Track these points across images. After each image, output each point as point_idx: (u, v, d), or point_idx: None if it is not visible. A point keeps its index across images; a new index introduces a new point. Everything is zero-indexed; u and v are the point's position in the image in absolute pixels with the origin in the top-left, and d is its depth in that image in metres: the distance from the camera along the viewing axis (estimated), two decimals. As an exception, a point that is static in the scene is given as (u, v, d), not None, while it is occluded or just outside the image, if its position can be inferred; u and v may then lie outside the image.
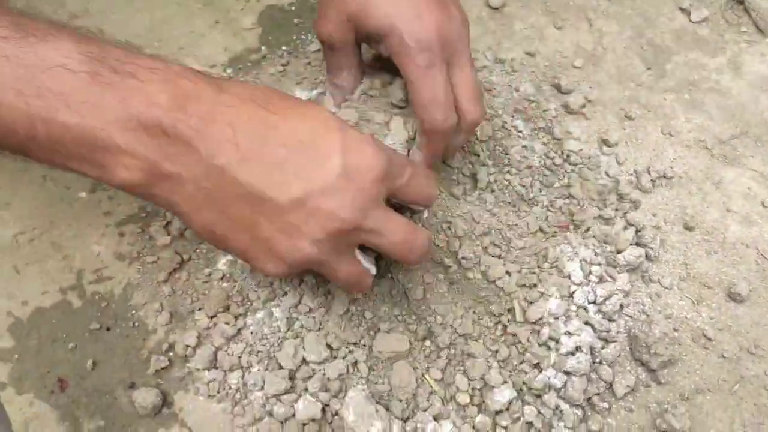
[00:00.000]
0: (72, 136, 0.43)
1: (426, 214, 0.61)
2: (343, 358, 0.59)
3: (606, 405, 0.60)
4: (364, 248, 0.52)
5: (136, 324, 0.62)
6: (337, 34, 0.61)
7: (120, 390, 0.59)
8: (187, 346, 0.60)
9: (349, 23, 0.60)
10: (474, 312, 0.62)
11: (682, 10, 0.85)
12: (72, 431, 0.58)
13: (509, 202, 0.68)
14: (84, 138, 0.43)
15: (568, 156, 0.71)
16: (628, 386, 0.61)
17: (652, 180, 0.71)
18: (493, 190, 0.68)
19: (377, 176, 0.48)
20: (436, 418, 0.57)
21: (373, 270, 0.54)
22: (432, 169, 0.62)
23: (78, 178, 0.67)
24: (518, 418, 0.58)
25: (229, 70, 0.74)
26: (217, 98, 0.45)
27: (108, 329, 0.61)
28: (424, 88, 0.57)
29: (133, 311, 0.62)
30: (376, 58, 0.67)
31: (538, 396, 0.59)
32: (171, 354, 0.60)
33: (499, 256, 0.63)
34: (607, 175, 0.71)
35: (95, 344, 0.61)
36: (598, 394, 0.60)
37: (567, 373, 0.59)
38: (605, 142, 0.73)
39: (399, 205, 0.55)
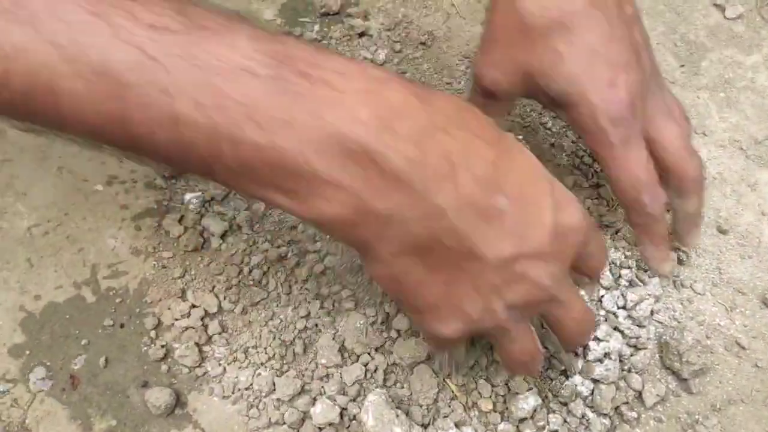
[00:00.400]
0: (263, 159, 0.35)
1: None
2: (365, 364, 0.57)
3: (635, 414, 0.58)
4: None
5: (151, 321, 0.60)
6: (504, 85, 0.53)
7: (132, 389, 0.58)
8: (202, 344, 0.59)
9: (523, 77, 0.52)
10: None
11: (716, 6, 0.82)
12: (83, 430, 0.57)
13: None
14: (277, 161, 0.35)
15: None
16: (658, 395, 0.58)
17: (684, 181, 0.69)
18: None
19: (581, 241, 0.43)
20: (457, 425, 0.55)
21: (543, 357, 0.49)
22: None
23: (95, 171, 0.65)
24: (543, 427, 0.56)
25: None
26: (429, 118, 0.37)
27: (122, 326, 0.60)
28: (621, 171, 0.52)
29: (148, 308, 0.61)
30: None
31: (564, 404, 0.57)
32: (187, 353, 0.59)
33: None
34: (639, 175, 0.69)
35: (108, 341, 0.60)
36: (626, 402, 0.58)
37: (595, 380, 0.57)
38: (636, 141, 0.71)
39: None
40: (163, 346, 0.59)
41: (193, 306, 0.60)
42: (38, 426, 0.57)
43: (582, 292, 0.51)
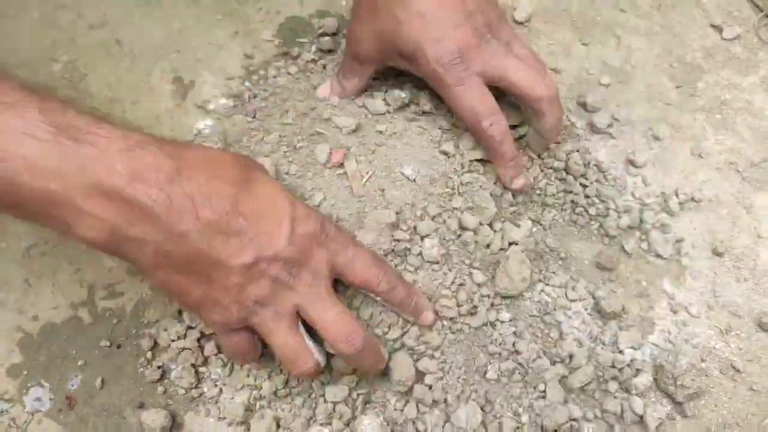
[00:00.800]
0: (37, 200, 0.45)
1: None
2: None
3: (628, 438, 0.58)
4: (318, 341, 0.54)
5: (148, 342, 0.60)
6: (365, 49, 0.65)
7: (129, 410, 0.58)
8: (198, 365, 0.59)
9: (378, 41, 0.64)
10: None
11: (713, 27, 0.82)
12: (79, 451, 0.57)
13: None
14: (48, 200, 0.45)
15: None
16: (659, 419, 0.58)
17: (680, 203, 0.69)
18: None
19: (319, 247, 0.52)
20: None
21: (322, 360, 0.54)
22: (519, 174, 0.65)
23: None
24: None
25: (246, 83, 0.73)
26: (176, 169, 0.48)
27: (118, 347, 0.60)
28: (460, 104, 0.61)
29: (145, 329, 0.61)
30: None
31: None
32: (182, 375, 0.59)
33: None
34: (633, 196, 0.69)
35: (105, 362, 0.60)
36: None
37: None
38: (632, 162, 0.71)
39: None
40: (159, 367, 0.59)
41: (190, 327, 0.60)
42: (35, 446, 0.57)
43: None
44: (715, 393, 0.61)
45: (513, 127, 0.67)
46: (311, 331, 0.53)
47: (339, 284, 0.56)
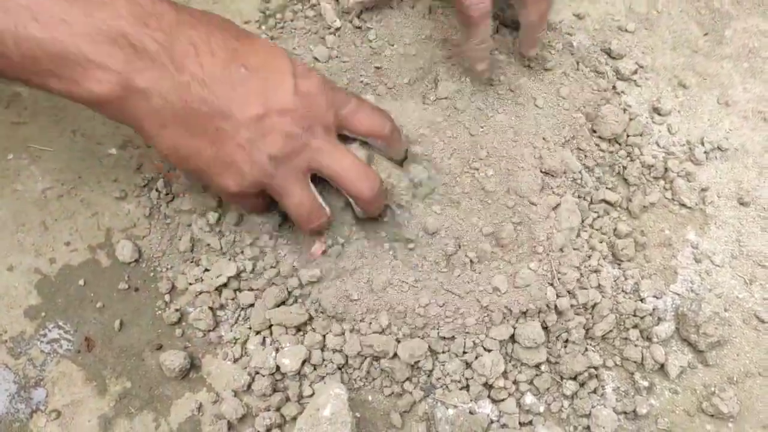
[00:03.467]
0: (43, 50, 0.44)
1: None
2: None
3: (646, 384, 0.58)
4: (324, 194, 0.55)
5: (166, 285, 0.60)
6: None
7: (147, 352, 0.58)
8: (215, 308, 0.59)
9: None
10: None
11: (742, -28, 0.80)
12: (98, 392, 0.57)
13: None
14: (55, 51, 0.44)
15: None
16: (680, 366, 0.58)
17: (705, 152, 0.67)
18: None
19: (326, 101, 0.52)
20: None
21: (328, 212, 0.56)
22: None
23: (109, 134, 0.65)
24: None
25: (263, 27, 0.71)
26: (178, 17, 0.48)
27: (136, 290, 0.60)
28: None
29: (162, 272, 0.60)
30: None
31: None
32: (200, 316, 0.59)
33: None
34: (658, 145, 0.68)
35: (123, 305, 0.60)
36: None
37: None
38: (657, 110, 0.69)
39: None
40: (177, 310, 0.59)
41: (207, 270, 0.60)
42: (54, 387, 0.57)
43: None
44: (738, 342, 0.60)
45: None
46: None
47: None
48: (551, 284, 0.57)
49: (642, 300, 0.60)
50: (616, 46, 0.71)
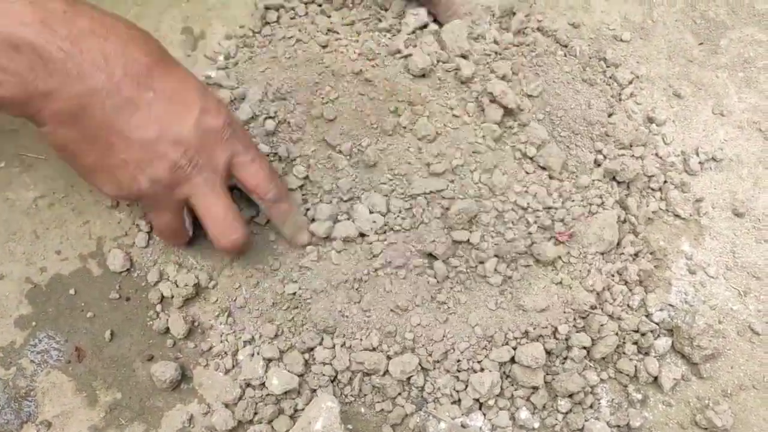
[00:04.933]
0: None
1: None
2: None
3: (640, 396, 0.57)
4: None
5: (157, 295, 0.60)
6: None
7: (138, 362, 0.58)
8: (199, 323, 0.58)
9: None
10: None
11: (738, -18, 0.80)
12: (88, 403, 0.56)
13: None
14: None
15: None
16: (674, 379, 0.58)
17: (700, 162, 0.67)
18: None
19: (223, 142, 0.52)
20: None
21: (190, 233, 0.58)
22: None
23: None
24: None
25: (258, 35, 0.71)
26: (89, 26, 0.47)
27: (128, 299, 0.60)
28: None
29: (154, 282, 0.60)
30: None
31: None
32: (191, 327, 0.58)
33: None
34: (657, 155, 0.67)
35: (114, 314, 0.59)
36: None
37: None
38: (652, 120, 0.69)
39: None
40: (167, 320, 0.59)
41: (197, 281, 0.59)
42: (44, 397, 0.56)
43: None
44: (732, 355, 0.60)
45: None
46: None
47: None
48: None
49: (648, 315, 0.60)
50: (611, 55, 0.71)
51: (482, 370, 0.56)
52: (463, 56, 0.63)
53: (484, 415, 0.56)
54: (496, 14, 0.70)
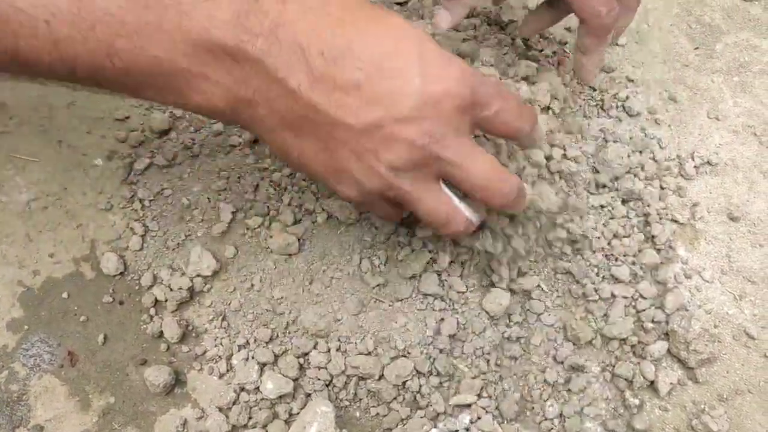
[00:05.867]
0: (138, 66, 0.41)
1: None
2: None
3: (637, 402, 0.57)
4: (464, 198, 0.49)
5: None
6: None
7: (131, 366, 0.57)
8: (193, 326, 0.58)
9: None
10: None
11: (733, -13, 0.80)
12: (81, 407, 0.56)
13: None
14: (152, 67, 0.41)
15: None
16: (671, 383, 0.57)
17: (695, 166, 0.67)
18: None
19: (460, 106, 0.44)
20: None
21: (475, 219, 0.50)
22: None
23: (95, 145, 0.64)
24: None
25: None
26: (282, 9, 0.42)
27: (121, 303, 0.59)
28: None
29: (148, 285, 0.60)
30: None
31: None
32: (185, 331, 0.58)
33: None
34: (654, 160, 0.67)
35: (107, 318, 0.59)
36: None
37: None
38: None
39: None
40: (161, 324, 0.58)
41: (191, 285, 0.59)
42: (36, 402, 0.56)
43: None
44: (728, 359, 0.60)
45: None
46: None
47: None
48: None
49: (667, 322, 0.60)
50: (606, 59, 0.71)
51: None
52: None
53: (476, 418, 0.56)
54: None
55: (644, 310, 0.59)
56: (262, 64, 0.42)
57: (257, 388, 0.55)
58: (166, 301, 0.58)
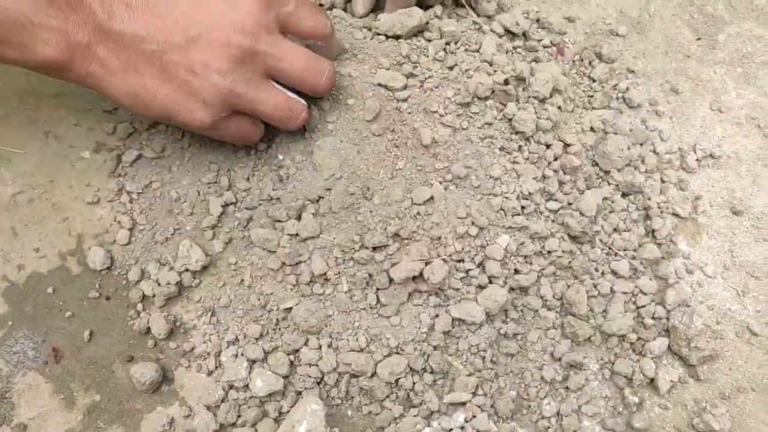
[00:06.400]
0: None
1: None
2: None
3: (636, 400, 0.56)
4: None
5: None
6: None
7: (117, 363, 0.56)
8: (181, 322, 0.57)
9: None
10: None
11: (736, -24, 0.78)
12: (66, 405, 0.55)
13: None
14: (3, 19, 0.46)
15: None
16: (671, 381, 0.56)
17: (698, 159, 0.66)
18: None
19: (263, 2, 0.51)
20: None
21: (303, 101, 0.55)
22: None
23: (82, 137, 0.63)
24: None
25: None
26: None
27: (108, 298, 0.58)
28: None
29: (135, 280, 0.58)
30: None
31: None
32: (173, 327, 0.57)
33: None
34: (655, 152, 0.66)
35: (93, 314, 0.57)
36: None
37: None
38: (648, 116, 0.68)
39: None
40: (148, 320, 0.57)
41: (179, 280, 0.57)
42: (20, 399, 0.55)
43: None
44: (730, 356, 0.59)
45: None
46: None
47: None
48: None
49: (668, 318, 0.58)
50: (606, 50, 0.70)
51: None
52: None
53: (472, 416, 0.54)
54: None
55: (644, 306, 0.58)
56: (90, 8, 0.47)
57: (246, 386, 0.54)
58: (153, 296, 0.57)
